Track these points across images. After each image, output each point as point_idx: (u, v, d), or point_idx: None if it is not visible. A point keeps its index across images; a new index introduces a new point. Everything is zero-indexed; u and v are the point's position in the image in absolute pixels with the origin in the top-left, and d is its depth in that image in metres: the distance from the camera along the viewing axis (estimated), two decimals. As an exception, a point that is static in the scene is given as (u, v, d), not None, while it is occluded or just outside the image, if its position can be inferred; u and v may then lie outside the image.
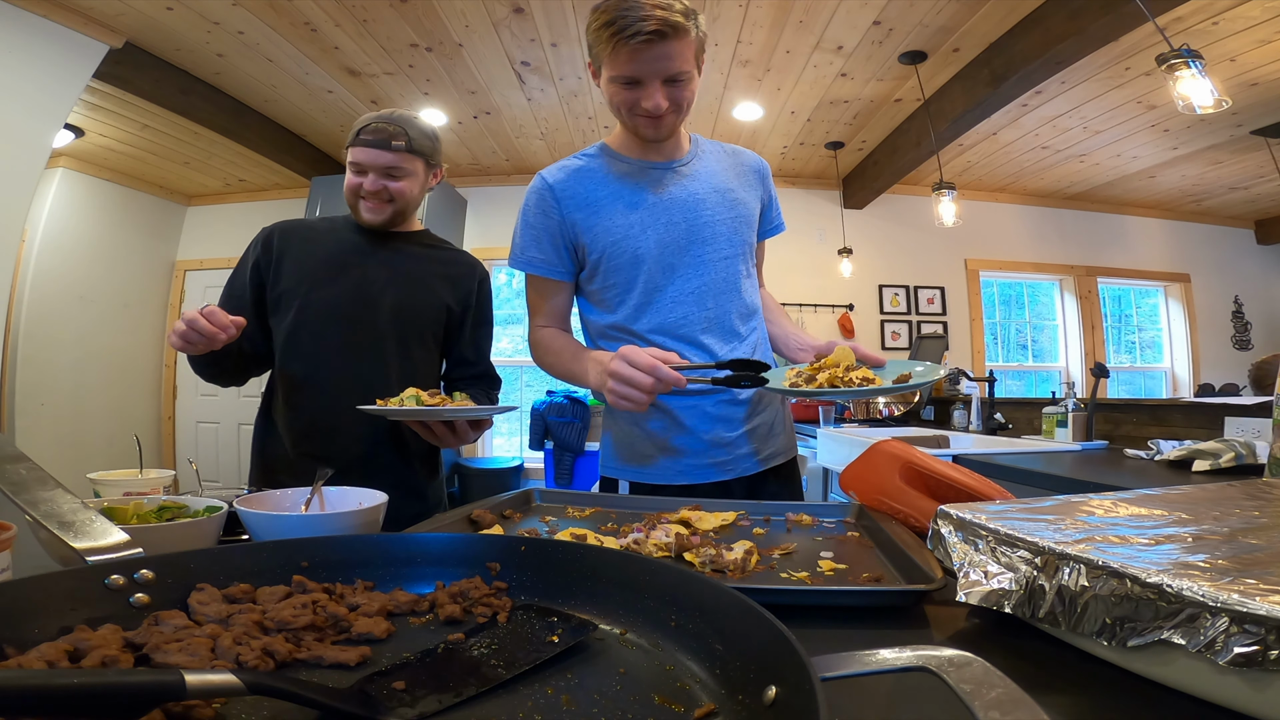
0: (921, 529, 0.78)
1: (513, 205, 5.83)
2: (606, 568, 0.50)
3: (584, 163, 1.21)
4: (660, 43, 0.99)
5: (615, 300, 1.18)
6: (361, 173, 1.28)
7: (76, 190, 4.49)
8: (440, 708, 0.35)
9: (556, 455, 4.45)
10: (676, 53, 1.01)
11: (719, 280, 1.18)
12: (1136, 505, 0.59)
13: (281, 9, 2.92)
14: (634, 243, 1.15)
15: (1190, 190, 5.10)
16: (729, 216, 1.20)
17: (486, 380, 1.46)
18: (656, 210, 1.16)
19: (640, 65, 1.02)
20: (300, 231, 1.36)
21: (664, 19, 0.98)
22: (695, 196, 1.18)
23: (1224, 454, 1.64)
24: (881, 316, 5.11)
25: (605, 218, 1.15)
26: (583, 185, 1.17)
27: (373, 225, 1.32)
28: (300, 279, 1.30)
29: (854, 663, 0.32)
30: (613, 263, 1.16)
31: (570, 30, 3.13)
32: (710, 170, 1.22)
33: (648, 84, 1.04)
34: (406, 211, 1.35)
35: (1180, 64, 2.22)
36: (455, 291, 1.39)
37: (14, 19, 2.72)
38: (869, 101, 3.84)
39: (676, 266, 1.16)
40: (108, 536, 0.49)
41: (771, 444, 1.25)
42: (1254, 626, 0.34)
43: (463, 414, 1.11)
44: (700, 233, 1.17)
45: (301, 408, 1.29)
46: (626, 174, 1.18)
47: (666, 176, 1.19)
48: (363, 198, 1.29)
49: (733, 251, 1.20)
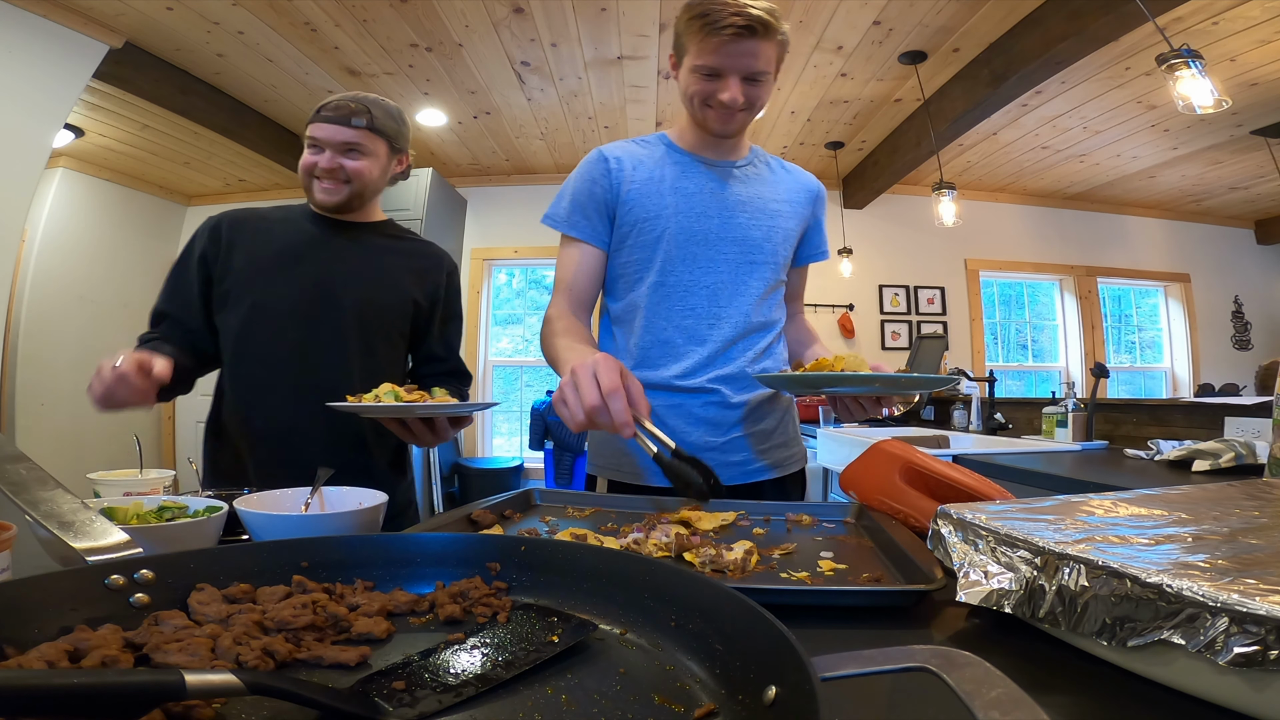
0: (921, 529, 0.78)
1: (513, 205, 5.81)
2: (606, 568, 0.50)
3: (640, 145, 1.23)
4: (748, 38, 1.03)
5: (635, 276, 1.19)
6: (318, 150, 1.21)
7: (76, 190, 4.49)
8: (440, 708, 0.35)
9: (556, 455, 4.45)
10: (760, 51, 1.05)
11: (736, 284, 1.18)
12: (1136, 505, 0.59)
13: (281, 9, 2.92)
14: (663, 223, 1.16)
15: (1190, 190, 5.10)
16: (765, 226, 1.20)
17: (457, 377, 1.40)
18: (694, 200, 1.17)
19: (724, 58, 1.06)
20: (251, 221, 1.27)
21: (755, 16, 1.02)
22: (737, 198, 1.19)
23: (1224, 454, 1.64)
24: (881, 316, 5.11)
25: (645, 194, 1.17)
26: (634, 160, 1.20)
27: (327, 207, 1.25)
28: (253, 273, 1.22)
29: (854, 663, 0.32)
30: (639, 238, 1.18)
31: (570, 30, 3.13)
32: (760, 179, 1.24)
33: (727, 77, 1.07)
34: (365, 194, 1.27)
35: (1180, 64, 2.22)
36: (423, 286, 1.33)
37: (14, 19, 2.72)
38: (869, 101, 3.84)
39: (698, 258, 1.17)
40: (108, 536, 0.49)
41: (772, 454, 1.22)
42: (1254, 626, 0.34)
43: (444, 410, 1.05)
44: (731, 233, 1.18)
45: (257, 413, 1.21)
46: (678, 163, 1.21)
47: (715, 173, 1.20)
48: (317, 177, 1.22)
49: (760, 260, 1.19)
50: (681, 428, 1.17)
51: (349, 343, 1.24)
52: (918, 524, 0.80)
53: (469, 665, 0.39)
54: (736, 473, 1.19)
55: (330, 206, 1.25)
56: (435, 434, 1.13)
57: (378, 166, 1.26)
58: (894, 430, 3.23)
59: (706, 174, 1.20)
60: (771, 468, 1.22)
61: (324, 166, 1.21)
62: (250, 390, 1.22)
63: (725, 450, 1.18)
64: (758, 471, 1.21)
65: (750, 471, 1.20)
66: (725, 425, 1.18)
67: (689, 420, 1.17)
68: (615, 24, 3.08)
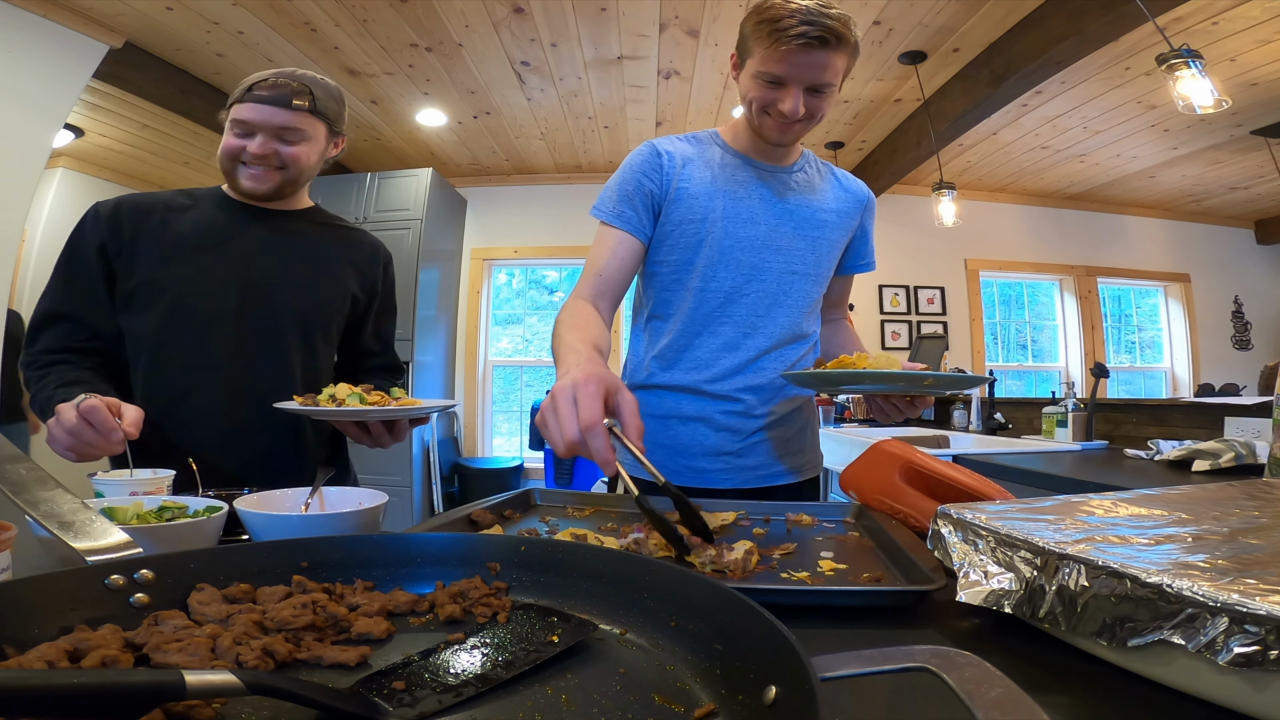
0: (921, 529, 0.78)
1: (513, 205, 5.80)
2: (606, 568, 0.50)
3: (691, 144, 1.20)
4: (817, 49, 0.98)
5: (673, 277, 1.17)
6: (248, 134, 1.08)
7: (76, 190, 4.49)
8: (440, 708, 0.35)
9: (556, 455, 4.44)
10: (829, 62, 1.00)
11: (778, 294, 1.17)
12: (1136, 505, 0.59)
13: (281, 9, 2.92)
14: (709, 227, 1.14)
15: (1190, 190, 5.10)
16: (811, 238, 1.18)
17: (393, 371, 1.33)
18: (743, 205, 1.15)
19: (790, 67, 1.01)
20: (156, 210, 1.11)
21: (828, 27, 0.97)
22: (786, 207, 1.17)
23: (1224, 454, 1.64)
24: (881, 316, 5.11)
25: (694, 194, 1.14)
26: (685, 157, 1.16)
27: (254, 195, 1.12)
28: (164, 268, 1.08)
29: (854, 663, 0.32)
30: (682, 239, 1.15)
31: (570, 30, 3.13)
32: (810, 187, 1.21)
33: (790, 86, 1.03)
34: (299, 182, 1.16)
35: (1180, 64, 2.22)
36: (360, 278, 1.24)
37: (14, 19, 2.72)
38: (869, 101, 3.84)
39: (742, 265, 1.15)
40: (108, 536, 0.49)
41: (789, 459, 1.22)
42: (1254, 626, 0.34)
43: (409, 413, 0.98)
44: (776, 242, 1.15)
45: (182, 424, 1.07)
46: (727, 164, 1.17)
47: (766, 179, 1.18)
48: (244, 163, 1.09)
49: (803, 271, 1.18)
50: (701, 430, 1.17)
51: (289, 342, 1.14)
52: (918, 524, 0.80)
53: (469, 665, 0.39)
54: (750, 476, 1.19)
55: (258, 195, 1.13)
56: (394, 436, 1.06)
57: (315, 151, 1.14)
58: (894, 430, 3.23)
59: (757, 180, 1.17)
60: (789, 472, 1.22)
61: (255, 152, 1.08)
62: (171, 400, 1.08)
63: (741, 455, 1.18)
64: (773, 476, 1.21)
65: (763, 476, 1.20)
66: (745, 433, 1.18)
67: (709, 425, 1.17)
68: (615, 24, 3.08)
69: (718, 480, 1.18)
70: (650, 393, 1.20)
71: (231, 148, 1.09)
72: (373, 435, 1.05)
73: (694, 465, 1.18)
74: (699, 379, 1.16)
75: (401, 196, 4.31)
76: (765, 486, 1.20)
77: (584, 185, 5.07)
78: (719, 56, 3.36)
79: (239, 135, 1.09)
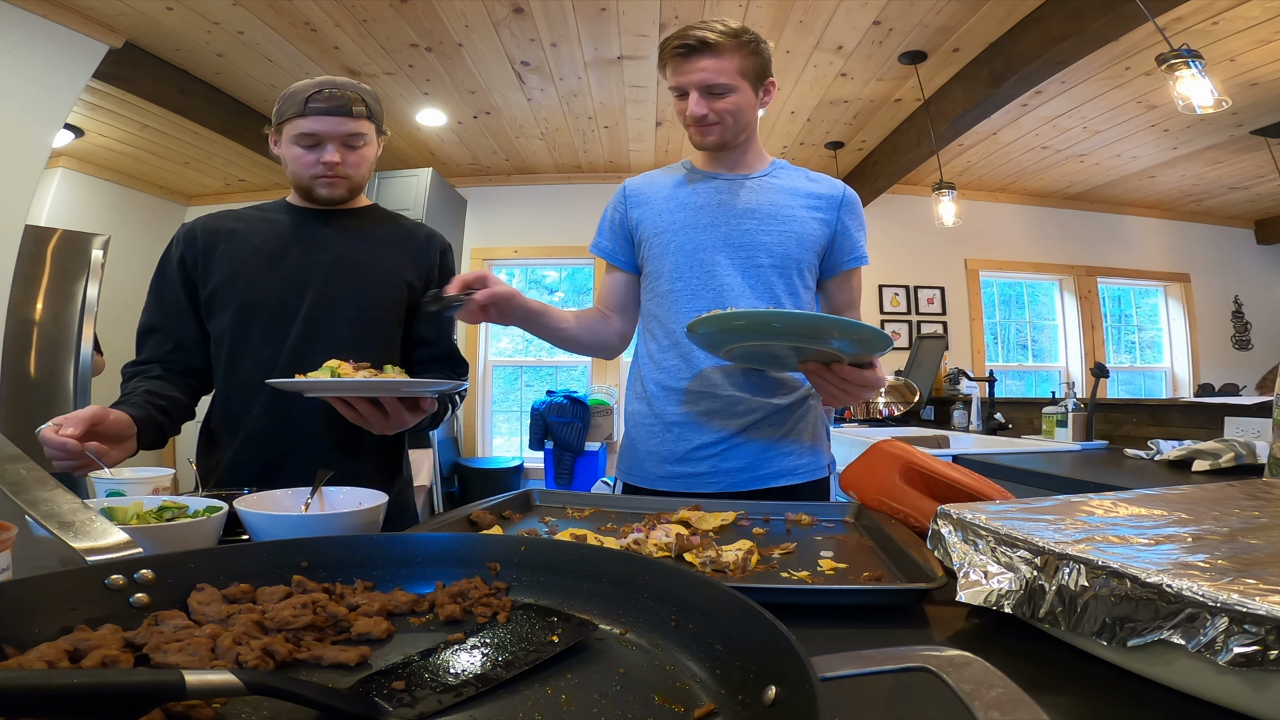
0: (921, 529, 0.78)
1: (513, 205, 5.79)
2: (606, 568, 0.50)
3: (661, 173, 1.34)
4: (695, 56, 1.12)
5: (650, 286, 1.29)
6: (316, 145, 1.14)
7: (76, 190, 4.49)
8: (440, 708, 0.35)
9: (556, 455, 4.45)
10: (712, 66, 1.13)
11: (745, 287, 1.20)
12: (1136, 505, 0.59)
13: (281, 9, 2.92)
14: (670, 235, 1.24)
15: (1190, 190, 5.10)
16: (776, 231, 1.21)
17: (451, 361, 1.33)
18: (701, 212, 1.23)
19: (680, 76, 1.16)
20: (227, 223, 1.22)
21: (699, 36, 1.11)
22: (745, 206, 1.23)
23: (1224, 454, 1.64)
24: (881, 316, 5.11)
25: (656, 212, 1.27)
26: (649, 187, 1.31)
27: (331, 201, 1.20)
28: (236, 274, 1.16)
29: (854, 663, 0.32)
30: (652, 252, 1.27)
31: (570, 30, 3.13)
32: (775, 188, 1.25)
33: (690, 94, 1.16)
34: (364, 185, 1.24)
35: (1180, 64, 2.22)
36: (415, 266, 1.27)
37: (14, 19, 2.72)
38: (869, 101, 3.84)
39: (704, 264, 1.21)
40: (108, 536, 0.49)
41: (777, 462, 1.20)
42: (1254, 626, 0.34)
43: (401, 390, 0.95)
44: (737, 239, 1.21)
45: (249, 417, 1.15)
46: (690, 181, 1.28)
47: (726, 187, 1.25)
48: (318, 175, 1.16)
49: (769, 264, 1.21)
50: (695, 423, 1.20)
51: (345, 334, 1.18)
52: (918, 524, 0.80)
53: (469, 665, 0.39)
54: (736, 480, 1.18)
55: (335, 200, 1.21)
56: (388, 419, 1.03)
57: (373, 153, 1.23)
58: (894, 430, 3.23)
59: (715, 187, 1.25)
60: (778, 475, 1.19)
61: (329, 160, 1.14)
62: (243, 393, 1.16)
63: (723, 457, 1.19)
64: (762, 479, 1.19)
65: (751, 479, 1.18)
66: (717, 431, 1.19)
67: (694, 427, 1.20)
68: (615, 24, 3.08)
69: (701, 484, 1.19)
70: (640, 399, 1.28)
71: (305, 160, 1.16)
72: (363, 415, 1.01)
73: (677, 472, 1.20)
74: (684, 379, 1.21)
75: (401, 196, 4.31)
76: (762, 489, 1.18)
77: (584, 185, 5.06)
78: (719, 56, 3.36)
79: (308, 148, 1.15)
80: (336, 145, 1.15)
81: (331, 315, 1.18)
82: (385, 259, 1.25)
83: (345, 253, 1.21)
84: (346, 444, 1.17)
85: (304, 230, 1.21)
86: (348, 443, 1.17)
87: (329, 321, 1.18)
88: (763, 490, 1.18)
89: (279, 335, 1.16)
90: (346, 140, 1.16)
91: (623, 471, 1.31)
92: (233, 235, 1.19)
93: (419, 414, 1.06)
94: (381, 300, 1.23)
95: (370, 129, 1.19)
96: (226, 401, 1.18)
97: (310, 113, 1.12)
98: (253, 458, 1.14)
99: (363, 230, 1.25)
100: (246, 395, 1.16)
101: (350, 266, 1.21)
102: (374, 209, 1.32)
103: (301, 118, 1.12)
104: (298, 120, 1.13)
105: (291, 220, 1.22)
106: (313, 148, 1.15)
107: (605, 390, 4.87)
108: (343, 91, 1.14)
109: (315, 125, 1.12)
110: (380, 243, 1.26)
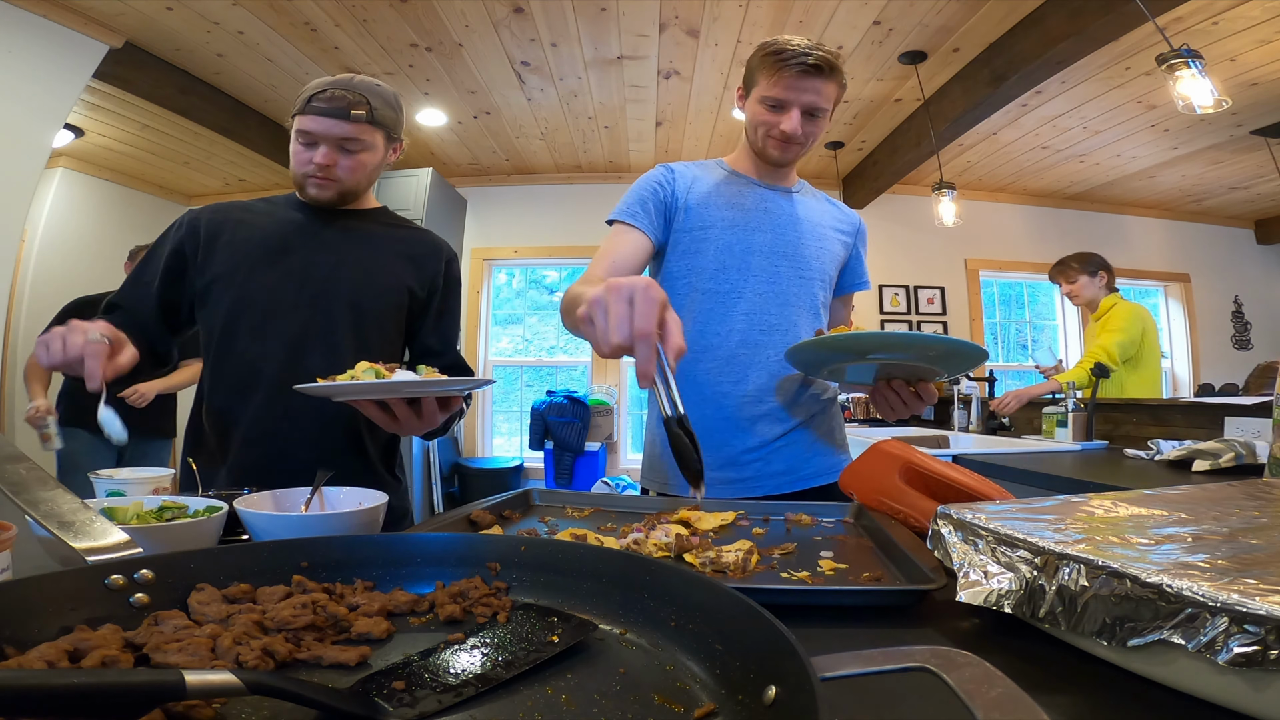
0: (921, 529, 0.78)
1: (513, 205, 5.78)
2: (606, 568, 0.50)
3: (698, 167, 1.32)
4: (814, 76, 1.14)
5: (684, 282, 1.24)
6: (312, 144, 1.13)
7: (76, 190, 4.49)
8: (440, 708, 0.35)
9: (556, 455, 4.45)
10: (823, 89, 1.16)
11: (789, 295, 1.23)
12: (1136, 505, 0.59)
13: (281, 9, 2.92)
14: (715, 234, 1.23)
15: (1190, 190, 5.10)
16: (815, 246, 1.27)
17: (457, 372, 1.28)
18: (749, 215, 1.25)
19: (789, 91, 1.15)
20: (234, 213, 1.19)
21: (823, 58, 1.14)
22: (791, 216, 1.27)
23: (1224, 454, 1.63)
24: (881, 316, 5.11)
25: (701, 205, 1.25)
26: (698, 174, 1.29)
27: (318, 202, 1.18)
28: (236, 266, 1.14)
29: (854, 663, 0.32)
30: (691, 246, 1.24)
31: (570, 30, 3.13)
32: (809, 205, 1.31)
33: (790, 109, 1.17)
34: (359, 189, 1.21)
35: (1180, 64, 2.22)
36: (419, 273, 1.25)
37: (14, 19, 2.72)
38: (869, 101, 3.84)
39: (752, 268, 1.22)
40: (108, 536, 0.49)
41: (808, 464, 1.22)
42: (1254, 626, 0.34)
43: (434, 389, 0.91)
44: (783, 248, 1.24)
45: (239, 414, 1.13)
46: (735, 183, 1.29)
47: (770, 195, 1.28)
48: (309, 173, 1.15)
49: (811, 276, 1.25)
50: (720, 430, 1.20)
51: (341, 336, 1.16)
52: (918, 524, 0.80)
53: (469, 665, 0.39)
54: (781, 482, 1.20)
55: (322, 202, 1.19)
56: (422, 420, 0.98)
57: (374, 159, 1.19)
58: (894, 430, 3.23)
59: (760, 193, 1.27)
60: (816, 475, 1.23)
61: (319, 162, 1.13)
62: (233, 390, 1.13)
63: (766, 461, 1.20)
64: (804, 479, 1.21)
65: (793, 481, 1.21)
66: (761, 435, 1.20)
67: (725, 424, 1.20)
68: (615, 24, 3.08)
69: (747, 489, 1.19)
70: None
71: (301, 158, 1.15)
72: (400, 419, 0.96)
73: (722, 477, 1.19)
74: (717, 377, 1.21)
75: (401, 196, 4.30)
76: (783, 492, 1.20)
77: (584, 185, 5.06)
78: (719, 56, 3.36)
79: (304, 145, 1.14)
80: (330, 147, 1.13)
81: (324, 313, 1.16)
82: (388, 264, 1.23)
83: (348, 254, 1.19)
84: (345, 444, 1.17)
85: (309, 228, 1.19)
86: (346, 442, 1.17)
87: (321, 319, 1.15)
88: (801, 491, 1.21)
89: (268, 332, 1.13)
90: (341, 143, 1.13)
91: (654, 483, 1.27)
92: (238, 227, 1.17)
93: (448, 411, 1.02)
94: (380, 304, 1.21)
95: (373, 134, 1.16)
96: (214, 397, 1.14)
97: (310, 111, 1.11)
98: (251, 459, 1.12)
99: (369, 233, 1.24)
100: (234, 391, 1.13)
101: (351, 268, 1.19)
102: (383, 212, 1.30)
103: (303, 115, 1.12)
104: (300, 117, 1.12)
105: (298, 217, 1.20)
106: (309, 146, 1.13)
107: (605, 390, 4.87)
108: (346, 93, 1.12)
109: (312, 124, 1.11)
110: (384, 247, 1.24)
